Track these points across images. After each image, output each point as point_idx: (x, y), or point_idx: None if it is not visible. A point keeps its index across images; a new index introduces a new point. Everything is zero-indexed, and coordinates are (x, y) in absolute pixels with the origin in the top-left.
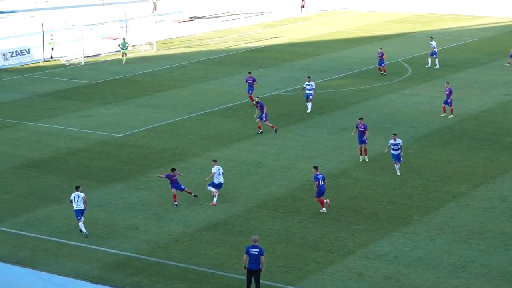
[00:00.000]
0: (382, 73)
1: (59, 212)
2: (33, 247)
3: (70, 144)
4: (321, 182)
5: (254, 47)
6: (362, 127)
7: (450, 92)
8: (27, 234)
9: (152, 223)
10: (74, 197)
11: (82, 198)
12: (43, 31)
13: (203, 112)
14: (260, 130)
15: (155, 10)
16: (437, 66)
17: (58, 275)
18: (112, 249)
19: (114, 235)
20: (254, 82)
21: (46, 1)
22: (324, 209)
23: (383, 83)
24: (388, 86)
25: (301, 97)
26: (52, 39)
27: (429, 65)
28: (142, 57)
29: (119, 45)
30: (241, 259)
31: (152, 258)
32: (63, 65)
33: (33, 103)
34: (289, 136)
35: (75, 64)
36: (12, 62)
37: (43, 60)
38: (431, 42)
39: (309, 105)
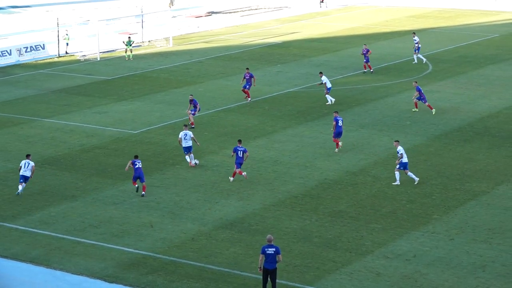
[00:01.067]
0: (366, 71)
1: (74, 210)
2: (47, 245)
3: (85, 141)
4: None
5: (272, 42)
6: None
7: (419, 90)
8: (41, 232)
9: (167, 221)
10: (24, 163)
11: (32, 166)
12: (58, 26)
13: (220, 108)
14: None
15: (172, 4)
16: (424, 61)
17: (72, 273)
18: (127, 248)
19: (129, 233)
20: (252, 78)
21: None
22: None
23: (403, 79)
24: (408, 82)
25: (320, 94)
26: (67, 34)
27: (415, 61)
28: (158, 52)
29: (123, 41)
30: (258, 258)
31: (167, 257)
32: (78, 61)
33: (48, 99)
34: (307, 133)
35: (90, 60)
36: (27, 58)
37: (58, 56)
38: (414, 38)
39: (329, 98)
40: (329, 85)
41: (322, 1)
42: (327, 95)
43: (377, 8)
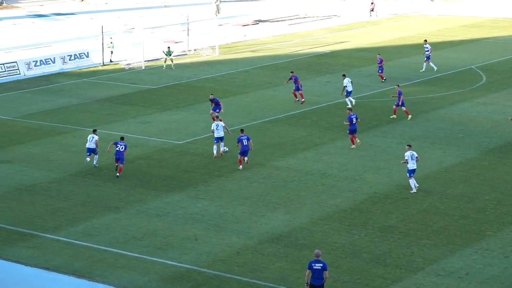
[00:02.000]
0: (382, 81)
1: (117, 222)
2: (90, 258)
3: (128, 151)
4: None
5: (321, 52)
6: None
7: (400, 94)
8: (84, 243)
9: (212, 234)
10: (89, 137)
11: (95, 140)
12: (102, 34)
13: (266, 119)
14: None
15: (218, 13)
16: (435, 69)
17: (115, 286)
18: (171, 261)
19: (173, 246)
20: (298, 80)
21: (106, 3)
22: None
23: (455, 91)
24: (461, 94)
25: (369, 105)
26: (111, 42)
27: (424, 69)
28: (204, 61)
29: (163, 51)
30: (304, 274)
31: (211, 271)
32: (122, 69)
33: (91, 108)
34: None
35: (135, 69)
36: (71, 66)
37: (102, 64)
38: (425, 46)
39: (349, 100)
40: (350, 88)
41: (372, 10)
42: (346, 99)
43: (429, 17)
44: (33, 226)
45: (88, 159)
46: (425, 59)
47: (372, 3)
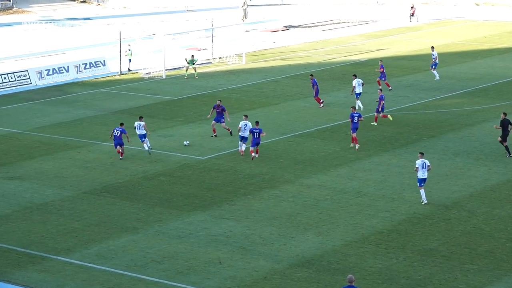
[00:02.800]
0: (391, 88)
1: (135, 243)
2: (105, 282)
3: (148, 167)
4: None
5: (356, 60)
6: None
7: (381, 99)
8: (99, 267)
9: (237, 257)
10: (136, 125)
11: (143, 125)
12: (120, 41)
13: (297, 133)
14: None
15: (246, 18)
16: (437, 77)
17: None
18: (193, 286)
19: (195, 270)
20: (316, 85)
21: (124, 7)
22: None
23: (503, 102)
24: (509, 106)
25: (408, 117)
26: (129, 50)
27: (437, 77)
28: (229, 70)
29: (185, 59)
30: None
31: None
32: (141, 79)
33: (108, 120)
34: (394, 162)
35: (155, 78)
36: (86, 75)
37: (119, 73)
38: (432, 53)
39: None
40: (358, 90)
41: (413, 15)
42: (358, 101)
43: (475, 22)
44: (44, 248)
45: (146, 146)
46: (433, 66)
47: (412, 7)
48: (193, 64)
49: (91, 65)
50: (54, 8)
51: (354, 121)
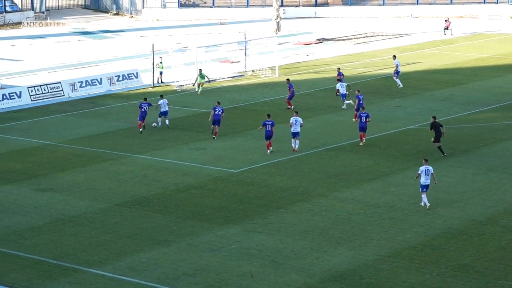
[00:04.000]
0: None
1: (166, 256)
2: None
3: (180, 180)
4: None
5: (390, 74)
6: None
7: (358, 98)
8: (131, 279)
9: (269, 271)
10: (162, 102)
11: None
12: (153, 53)
13: (329, 146)
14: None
15: (279, 30)
16: (400, 85)
17: None
18: None
19: (227, 283)
20: (291, 89)
21: (157, 20)
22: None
23: None
24: None
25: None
26: (161, 62)
27: (400, 85)
28: (262, 83)
29: (198, 76)
30: None
31: None
32: (174, 91)
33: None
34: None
35: (188, 90)
36: (119, 87)
37: (152, 86)
38: (394, 61)
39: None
40: (342, 91)
41: (447, 28)
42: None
43: (510, 36)
44: (76, 260)
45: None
46: (396, 74)
47: (446, 21)
48: (203, 79)
49: (124, 77)
50: (88, 20)
51: (362, 120)
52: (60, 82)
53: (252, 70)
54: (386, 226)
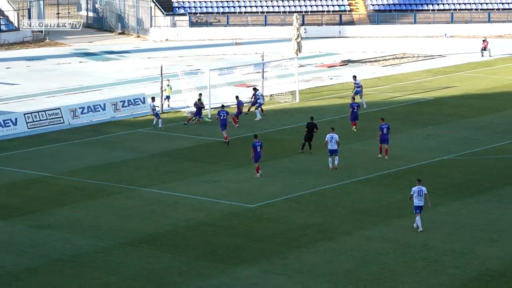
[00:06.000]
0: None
1: None
2: None
3: (191, 216)
4: (384, 131)
5: (422, 99)
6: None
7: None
8: None
9: None
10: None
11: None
12: (161, 76)
13: (355, 179)
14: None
15: (299, 51)
16: (365, 106)
17: None
18: None
19: None
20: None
21: (166, 40)
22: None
23: None
24: None
25: (481, 162)
26: (168, 85)
27: (365, 105)
28: (281, 109)
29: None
30: None
31: None
32: (185, 118)
33: (147, 164)
34: (464, 212)
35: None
36: (124, 114)
37: (160, 112)
38: (355, 82)
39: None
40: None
41: (485, 49)
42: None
43: None
44: None
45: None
46: (358, 94)
47: (484, 41)
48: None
49: (130, 103)
50: (90, 40)
51: (384, 132)
52: (59, 108)
53: (270, 95)
54: (418, 268)
